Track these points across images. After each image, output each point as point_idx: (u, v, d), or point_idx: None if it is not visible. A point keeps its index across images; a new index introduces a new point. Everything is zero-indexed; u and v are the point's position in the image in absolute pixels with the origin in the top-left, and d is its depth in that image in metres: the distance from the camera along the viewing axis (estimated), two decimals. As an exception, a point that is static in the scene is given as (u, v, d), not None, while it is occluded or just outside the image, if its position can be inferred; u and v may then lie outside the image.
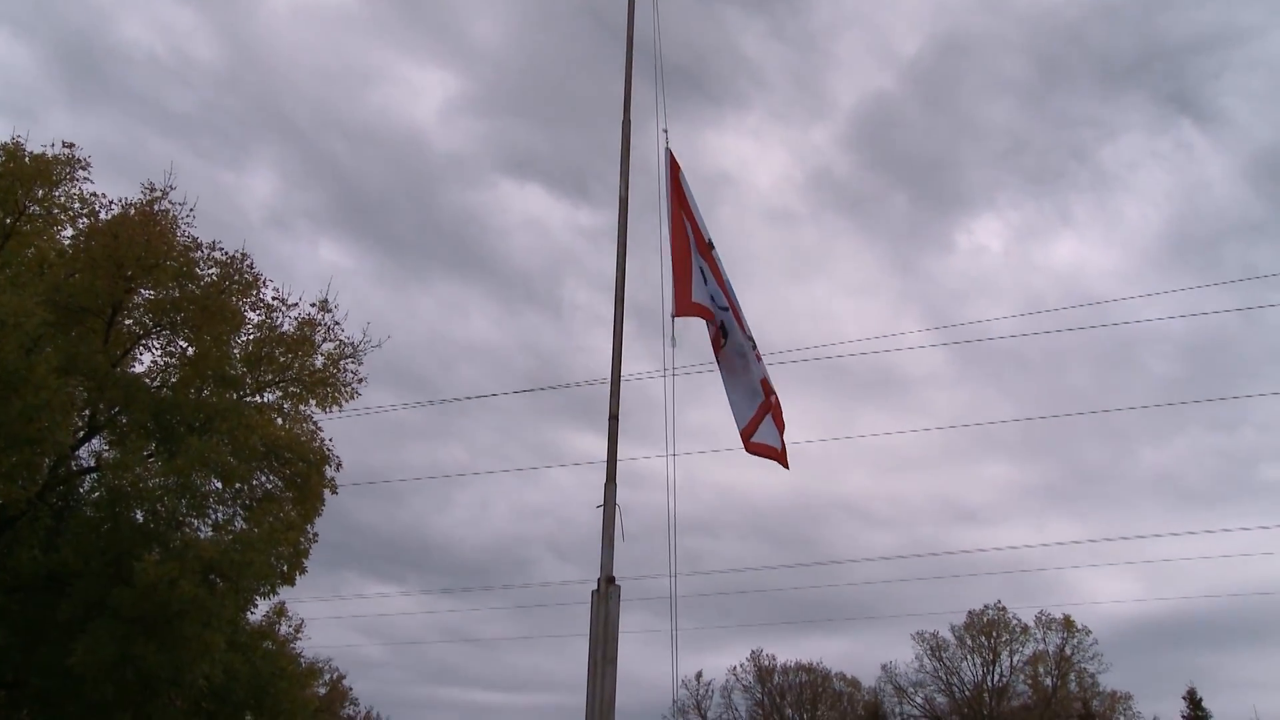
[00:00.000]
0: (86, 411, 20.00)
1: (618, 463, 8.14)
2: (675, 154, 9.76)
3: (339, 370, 21.68)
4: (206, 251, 20.56)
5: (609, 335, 8.48)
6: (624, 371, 8.56)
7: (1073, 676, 63.33)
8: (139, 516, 18.36)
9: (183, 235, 20.41)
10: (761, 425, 9.36)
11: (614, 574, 7.60)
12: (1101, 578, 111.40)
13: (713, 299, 9.42)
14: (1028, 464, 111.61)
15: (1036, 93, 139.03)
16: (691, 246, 9.37)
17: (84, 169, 20.36)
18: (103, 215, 20.14)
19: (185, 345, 20.89)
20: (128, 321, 20.68)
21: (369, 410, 33.15)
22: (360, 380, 21.88)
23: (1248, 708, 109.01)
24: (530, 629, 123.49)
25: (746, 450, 9.32)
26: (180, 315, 20.25)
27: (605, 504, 7.83)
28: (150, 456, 19.42)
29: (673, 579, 7.94)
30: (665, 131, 9.59)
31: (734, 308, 9.53)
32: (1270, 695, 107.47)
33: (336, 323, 21.60)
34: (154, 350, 21.09)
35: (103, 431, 20.45)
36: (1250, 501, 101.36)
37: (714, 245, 9.63)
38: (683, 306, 8.93)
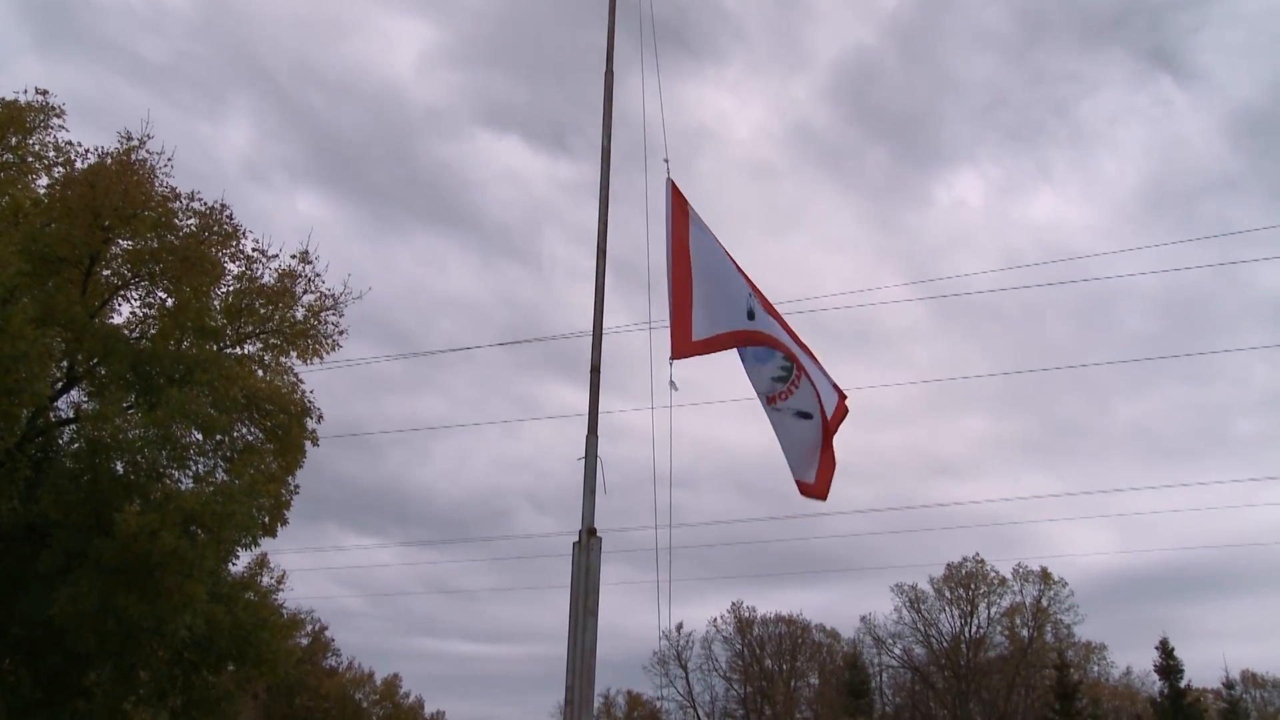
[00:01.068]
0: (65, 363, 19.87)
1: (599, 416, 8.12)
2: (677, 177, 9.23)
3: (320, 322, 21.57)
4: (185, 202, 20.36)
5: (588, 289, 8.40)
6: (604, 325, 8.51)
7: (1049, 628, 64.15)
8: (119, 468, 18.30)
9: (161, 185, 20.19)
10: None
11: (595, 526, 7.60)
12: (1077, 531, 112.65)
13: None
14: (1005, 418, 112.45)
15: (1016, 47, 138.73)
16: (703, 274, 8.92)
17: (58, 117, 20.09)
18: (78, 164, 19.88)
19: (164, 296, 20.73)
20: (106, 272, 20.48)
21: (349, 363, 33.05)
22: (341, 332, 21.81)
23: (1218, 656, 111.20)
24: (510, 581, 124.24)
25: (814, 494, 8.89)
26: (159, 266, 20.06)
27: (587, 456, 7.80)
28: (130, 408, 19.33)
29: (669, 533, 7.95)
30: (666, 161, 9.16)
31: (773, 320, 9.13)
32: (1239, 644, 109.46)
33: (317, 274, 21.50)
34: (133, 301, 20.95)
35: (81, 383, 20.32)
36: (1223, 455, 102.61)
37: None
38: (681, 347, 8.46)
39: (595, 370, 8.28)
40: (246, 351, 21.57)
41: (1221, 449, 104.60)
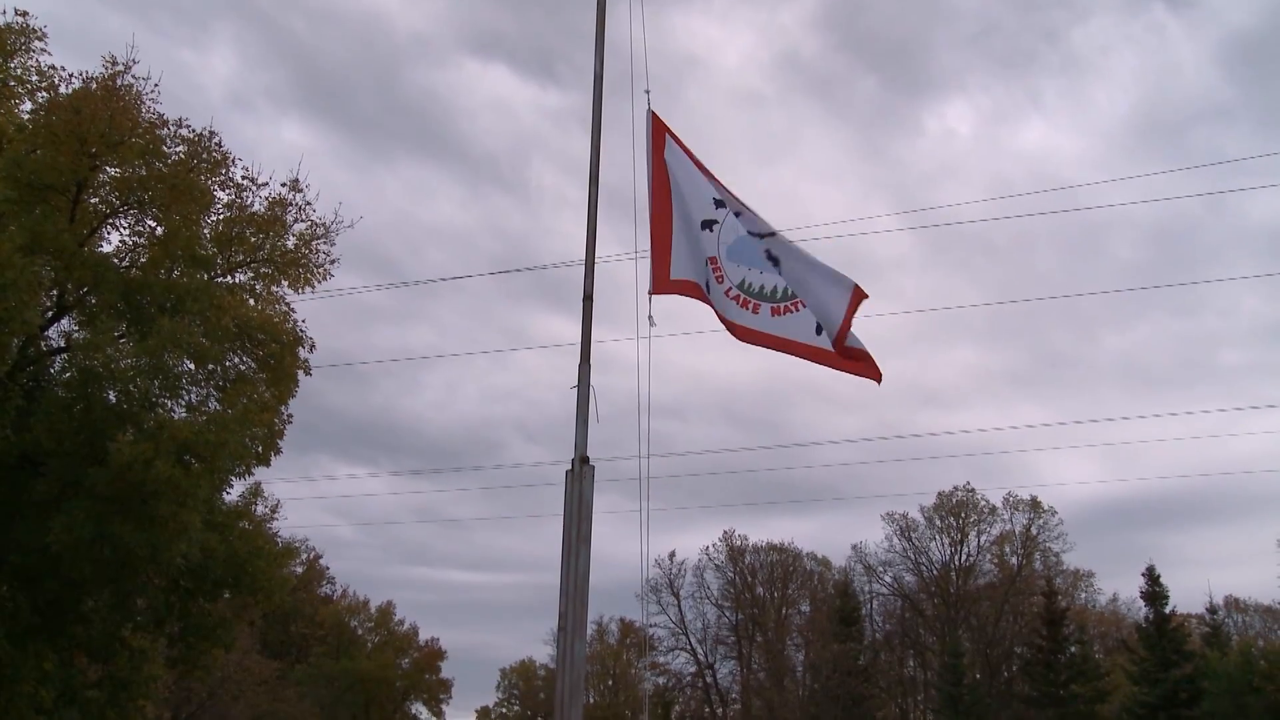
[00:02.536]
0: (54, 291, 19.72)
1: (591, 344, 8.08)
2: (657, 106, 9.08)
3: (311, 251, 21.39)
4: (173, 129, 20.03)
5: (577, 219, 8.32)
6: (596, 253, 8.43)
7: (1037, 556, 64.92)
8: (111, 397, 18.25)
9: (148, 112, 19.83)
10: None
11: (588, 454, 7.60)
12: (1065, 460, 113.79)
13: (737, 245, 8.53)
14: (994, 348, 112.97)
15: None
16: (685, 213, 8.73)
17: (40, 40, 19.64)
18: (63, 90, 19.50)
19: (154, 225, 20.51)
20: (93, 200, 20.25)
21: (339, 292, 32.99)
22: (333, 261, 21.65)
23: (1203, 582, 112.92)
24: (500, 510, 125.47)
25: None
26: (148, 194, 19.81)
27: (579, 384, 7.78)
28: (121, 337, 19.23)
29: (654, 463, 7.96)
30: (648, 93, 8.99)
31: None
32: (1223, 571, 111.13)
33: (308, 203, 21.26)
34: (122, 230, 20.71)
35: (72, 312, 20.20)
36: (1210, 385, 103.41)
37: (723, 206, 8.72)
38: (660, 283, 8.51)
39: (588, 299, 8.23)
40: (237, 280, 21.42)
41: (1208, 379, 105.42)
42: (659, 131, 9.00)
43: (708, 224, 8.69)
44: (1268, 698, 40.11)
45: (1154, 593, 45.60)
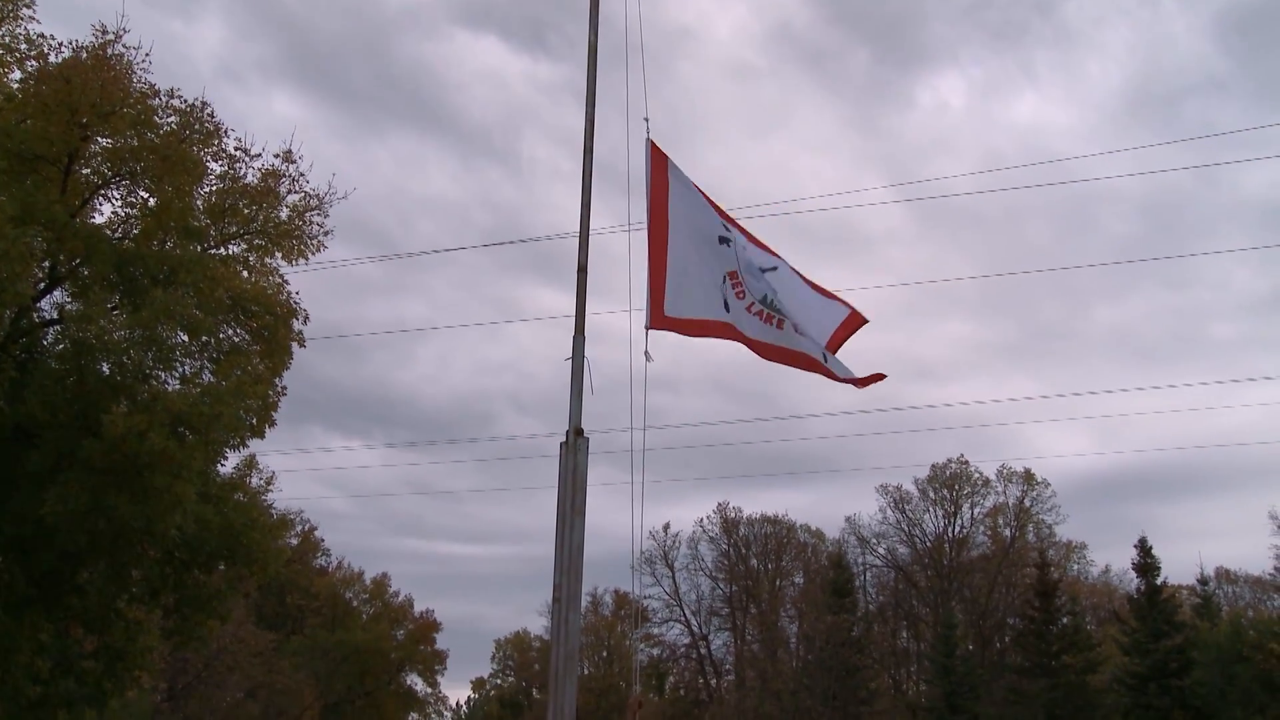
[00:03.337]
0: (46, 263, 19.62)
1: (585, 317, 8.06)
2: (657, 138, 8.87)
3: (304, 223, 21.32)
4: (164, 99, 19.91)
5: (569, 191, 8.28)
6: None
7: (1030, 528, 65.16)
8: (105, 369, 18.22)
9: (139, 81, 19.70)
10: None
11: (582, 426, 7.59)
12: (1057, 432, 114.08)
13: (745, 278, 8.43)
14: (986, 321, 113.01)
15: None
16: (690, 239, 8.56)
17: (28, 6, 19.44)
18: (52, 59, 19.32)
19: (146, 196, 20.41)
20: (85, 171, 20.14)
21: (331, 264, 32.88)
22: (326, 233, 21.59)
23: (1194, 554, 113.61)
24: (494, 482, 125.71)
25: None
26: (140, 165, 19.71)
27: (574, 356, 7.77)
28: (114, 309, 19.19)
29: (646, 437, 7.95)
30: (646, 120, 8.81)
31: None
32: (1214, 542, 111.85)
33: (301, 174, 21.18)
34: (114, 201, 20.64)
35: (64, 283, 20.12)
36: (1201, 358, 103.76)
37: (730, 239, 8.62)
38: (656, 318, 8.35)
39: (582, 270, 8.21)
40: (231, 252, 21.36)
41: (1199, 352, 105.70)
42: (659, 163, 8.81)
43: (724, 239, 8.61)
44: (1256, 667, 40.42)
45: (1145, 564, 45.81)
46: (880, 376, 8.30)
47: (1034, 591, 52.45)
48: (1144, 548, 45.98)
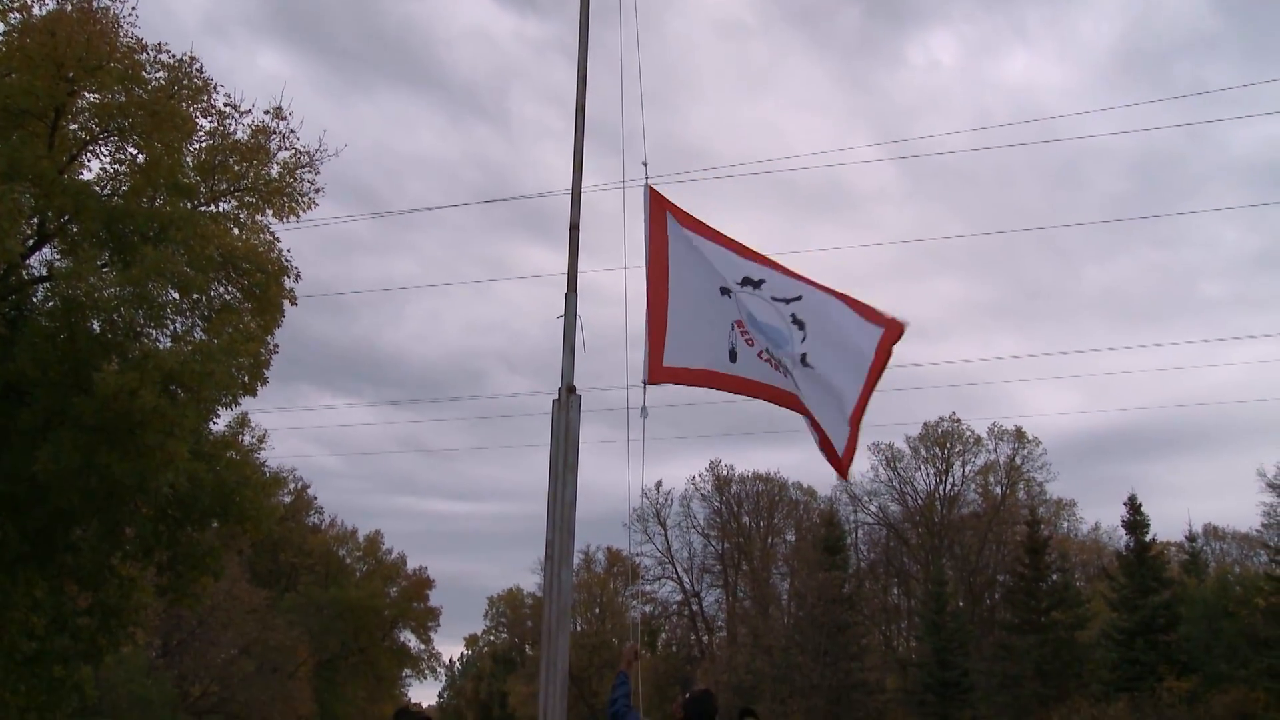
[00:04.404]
0: (35, 219, 19.49)
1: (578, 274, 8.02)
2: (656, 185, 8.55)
3: (295, 180, 21.21)
4: (152, 54, 19.69)
5: (558, 149, 8.21)
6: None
7: (1021, 485, 65.53)
8: (95, 326, 18.17)
9: (125, 36, 19.49)
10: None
11: (574, 384, 7.58)
12: (1046, 391, 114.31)
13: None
14: (975, 280, 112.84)
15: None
16: (681, 299, 8.25)
17: (11, -41, 19.23)
18: (36, 11, 19.09)
19: (135, 152, 20.25)
20: (72, 126, 19.94)
21: (321, 222, 32.77)
22: (318, 190, 21.50)
23: (1183, 511, 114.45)
24: (485, 440, 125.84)
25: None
26: (128, 121, 19.54)
27: (566, 313, 7.74)
28: (104, 266, 19.08)
29: (637, 394, 7.94)
30: (645, 164, 8.42)
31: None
32: (1203, 500, 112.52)
33: (291, 131, 21.04)
34: (102, 157, 20.44)
35: (53, 240, 20.01)
36: (1190, 317, 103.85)
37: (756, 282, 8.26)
38: (654, 372, 8.07)
39: (574, 227, 8.15)
40: (221, 210, 21.24)
41: (1188, 311, 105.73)
42: (659, 210, 8.55)
43: (725, 291, 8.32)
44: (1241, 622, 40.85)
45: (1135, 521, 46.09)
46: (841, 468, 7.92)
47: (1024, 549, 52.82)
48: (1133, 505, 46.24)
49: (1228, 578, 47.84)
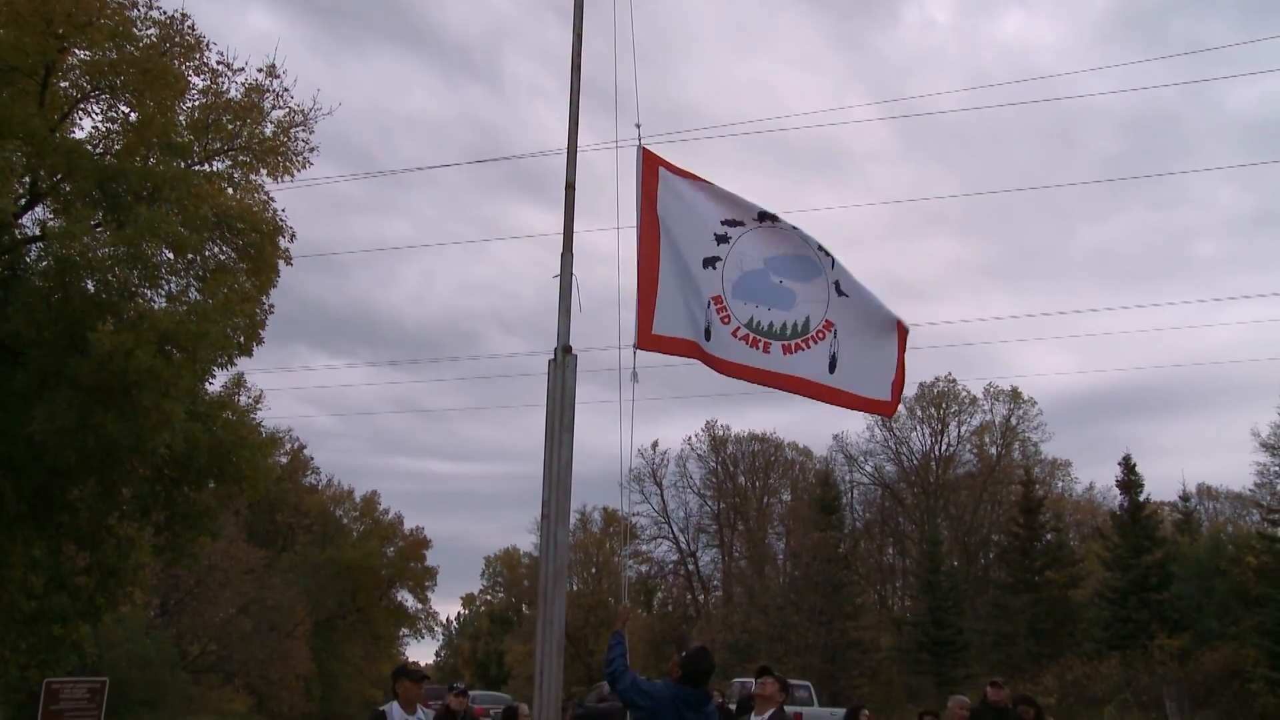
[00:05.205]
0: (26, 178, 19.37)
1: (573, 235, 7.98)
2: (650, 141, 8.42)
3: (289, 139, 21.09)
4: (143, 10, 19.49)
5: (552, 109, 8.14)
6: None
7: (1016, 446, 65.75)
8: (90, 286, 18.08)
9: (116, -8, 19.30)
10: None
11: (570, 344, 7.56)
12: (1041, 351, 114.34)
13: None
14: (970, 240, 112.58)
15: None
16: (678, 259, 8.19)
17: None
18: (24, -33, 18.89)
19: (127, 111, 20.06)
20: (63, 84, 19.76)
21: (313, 182, 32.63)
22: (312, 149, 21.37)
23: (1177, 471, 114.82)
24: (480, 401, 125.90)
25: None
26: (119, 78, 19.35)
27: (562, 273, 7.70)
28: (98, 226, 18.98)
29: (626, 356, 7.93)
30: (638, 126, 8.36)
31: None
32: (1197, 460, 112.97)
33: (285, 89, 20.88)
34: (94, 116, 20.26)
35: (45, 199, 19.88)
36: (1185, 277, 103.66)
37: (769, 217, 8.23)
38: (643, 338, 8.01)
39: (570, 187, 8.10)
40: (215, 169, 21.13)
41: (1183, 271, 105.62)
42: (650, 170, 8.39)
43: (710, 261, 8.23)
44: (1232, 580, 41.10)
45: (1129, 481, 46.25)
46: (888, 411, 8.12)
47: (1019, 509, 53.10)
48: (1128, 465, 46.39)
49: (1220, 537, 48.11)
